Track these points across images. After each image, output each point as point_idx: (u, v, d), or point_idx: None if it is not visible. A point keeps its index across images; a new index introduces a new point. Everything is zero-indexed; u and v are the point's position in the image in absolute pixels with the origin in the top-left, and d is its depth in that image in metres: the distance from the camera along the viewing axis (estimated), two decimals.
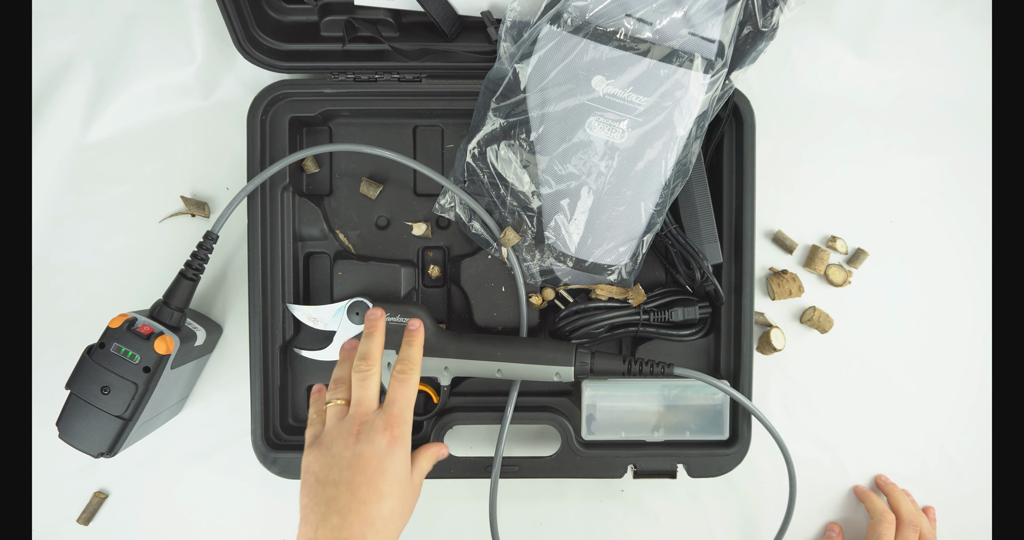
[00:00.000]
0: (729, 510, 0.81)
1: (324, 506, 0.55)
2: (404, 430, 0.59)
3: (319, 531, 0.54)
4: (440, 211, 0.73)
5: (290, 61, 0.74)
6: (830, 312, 0.80)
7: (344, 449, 0.57)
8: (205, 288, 0.79)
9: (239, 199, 0.70)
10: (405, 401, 0.61)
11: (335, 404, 0.62)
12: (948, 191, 0.80)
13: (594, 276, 0.72)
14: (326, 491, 0.56)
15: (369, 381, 0.61)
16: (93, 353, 0.66)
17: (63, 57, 0.77)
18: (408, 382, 0.62)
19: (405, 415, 0.60)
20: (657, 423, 0.74)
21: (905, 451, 0.81)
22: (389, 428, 0.59)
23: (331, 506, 0.55)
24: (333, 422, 0.60)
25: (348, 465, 0.56)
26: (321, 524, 0.55)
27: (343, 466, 0.56)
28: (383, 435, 0.58)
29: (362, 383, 0.61)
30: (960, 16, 0.79)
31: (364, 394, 0.61)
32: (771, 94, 0.79)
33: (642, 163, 0.68)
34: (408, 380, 0.62)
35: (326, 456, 0.58)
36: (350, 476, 0.56)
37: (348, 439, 0.58)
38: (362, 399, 0.60)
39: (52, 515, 0.79)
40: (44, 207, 0.78)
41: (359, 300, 0.71)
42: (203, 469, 0.80)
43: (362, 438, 0.58)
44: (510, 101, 0.68)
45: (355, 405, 0.61)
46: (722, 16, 0.65)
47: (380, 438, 0.58)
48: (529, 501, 0.81)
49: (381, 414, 0.60)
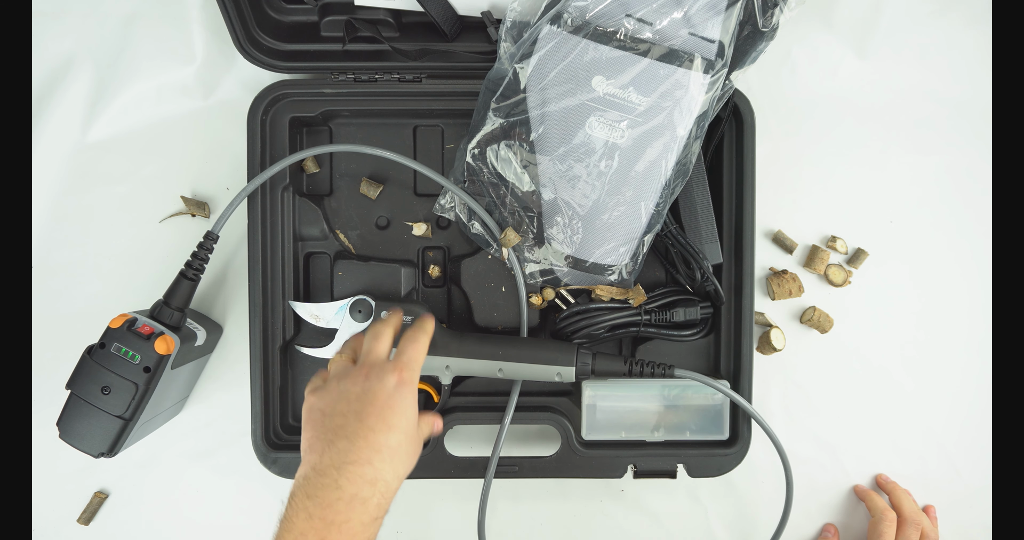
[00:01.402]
0: (729, 510, 0.81)
1: (331, 433, 0.54)
2: (412, 377, 0.58)
3: (324, 456, 0.53)
4: (440, 211, 0.73)
5: (290, 61, 0.74)
6: (830, 312, 0.80)
7: (352, 385, 0.56)
8: (205, 288, 0.79)
9: (239, 199, 0.70)
10: (415, 354, 0.60)
11: (339, 357, 0.61)
12: (948, 191, 0.80)
13: (594, 276, 0.72)
14: (333, 421, 0.55)
15: (381, 337, 0.61)
16: (93, 353, 0.66)
17: (63, 57, 0.77)
18: (418, 342, 0.61)
19: (414, 365, 0.60)
20: (657, 423, 0.74)
21: (905, 450, 0.81)
22: (398, 370, 0.58)
23: (338, 433, 0.54)
24: (339, 369, 0.60)
25: (357, 397, 0.55)
26: (327, 449, 0.54)
27: (351, 399, 0.55)
28: (392, 375, 0.57)
29: (374, 338, 0.61)
30: (959, 17, 0.80)
31: (374, 345, 0.60)
32: (771, 94, 0.79)
33: (642, 163, 0.68)
34: (419, 340, 0.62)
35: (333, 392, 0.57)
36: (359, 407, 0.55)
37: (357, 377, 0.57)
38: (372, 348, 0.60)
39: (52, 515, 0.79)
40: (44, 207, 0.78)
41: (361, 298, 0.71)
42: (203, 469, 0.80)
43: (372, 376, 0.57)
44: (510, 101, 0.68)
45: (365, 354, 0.60)
46: (722, 16, 0.65)
47: (390, 377, 0.57)
48: (529, 501, 0.81)
49: (390, 361, 0.59)
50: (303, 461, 0.56)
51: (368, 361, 0.59)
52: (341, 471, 0.52)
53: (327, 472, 0.53)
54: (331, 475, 0.52)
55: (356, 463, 0.53)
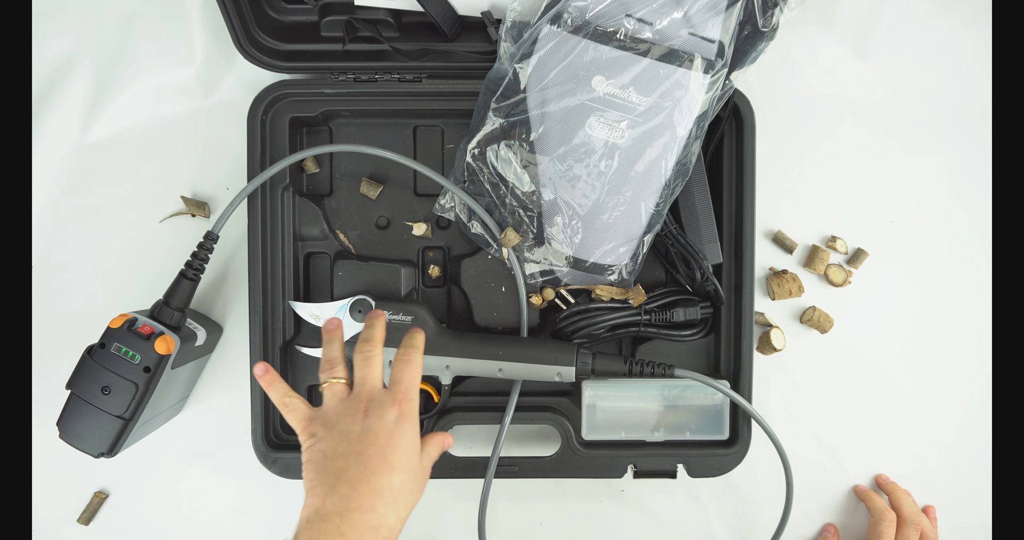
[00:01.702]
0: (729, 510, 0.81)
1: (333, 477, 0.54)
2: (412, 407, 0.58)
3: (327, 500, 0.53)
4: (440, 211, 0.73)
5: (290, 61, 0.74)
6: (830, 312, 0.80)
7: (353, 424, 0.56)
8: (205, 288, 0.79)
9: (239, 199, 0.70)
10: (411, 380, 0.60)
11: (333, 383, 0.60)
12: (948, 191, 0.80)
13: (594, 276, 0.72)
14: (335, 464, 0.55)
15: (373, 361, 0.60)
16: (93, 353, 0.66)
17: (63, 57, 0.77)
18: (412, 363, 0.61)
19: (411, 393, 0.59)
20: (657, 423, 0.74)
21: (905, 450, 0.81)
22: (397, 404, 0.57)
23: (340, 477, 0.54)
24: (335, 401, 0.59)
25: (358, 438, 0.55)
26: (330, 494, 0.53)
27: (352, 440, 0.55)
28: (391, 410, 0.57)
29: (366, 362, 0.60)
30: (959, 17, 0.79)
31: (368, 372, 0.60)
32: (771, 94, 0.79)
33: (642, 163, 0.68)
34: (412, 362, 0.61)
35: (333, 432, 0.56)
36: (360, 449, 0.55)
37: (356, 415, 0.57)
38: (367, 377, 0.59)
39: (52, 515, 0.79)
40: (44, 207, 0.78)
41: (361, 298, 0.71)
42: (203, 469, 0.80)
43: (371, 413, 0.57)
44: (510, 101, 0.68)
45: (360, 384, 0.59)
46: (722, 16, 0.65)
47: (389, 412, 0.57)
48: (529, 501, 0.81)
49: (388, 392, 0.59)
50: (306, 502, 0.55)
51: (365, 393, 0.58)
52: (344, 518, 0.52)
53: (330, 518, 0.52)
54: (334, 521, 0.52)
55: (359, 510, 0.53)
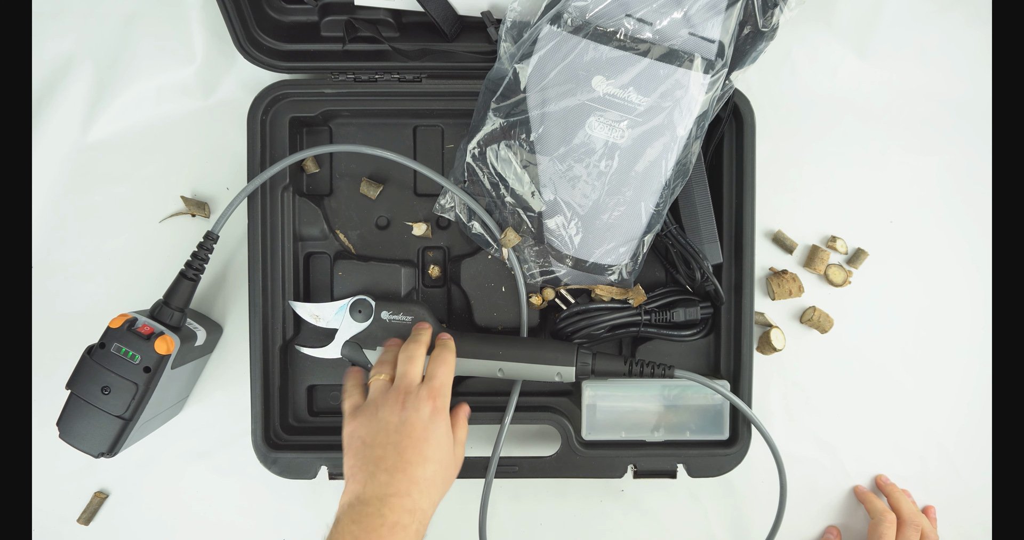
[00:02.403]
0: (729, 510, 0.81)
1: (372, 465, 0.59)
2: (445, 402, 0.63)
3: (367, 487, 0.58)
4: (440, 211, 0.73)
5: (290, 61, 0.74)
6: (830, 312, 0.80)
7: (391, 415, 0.61)
8: (205, 288, 0.79)
9: (239, 199, 0.70)
10: (445, 378, 0.64)
11: (378, 379, 0.65)
12: (948, 191, 0.80)
13: (594, 276, 0.72)
14: (374, 452, 0.59)
15: (416, 360, 0.65)
16: (93, 353, 0.66)
17: (63, 57, 0.77)
18: (447, 363, 0.65)
19: (445, 390, 0.64)
20: (657, 423, 0.74)
21: (905, 451, 0.81)
22: (432, 398, 0.62)
23: (379, 465, 0.59)
24: (377, 393, 0.63)
25: (395, 429, 0.60)
26: (369, 481, 0.58)
27: (390, 430, 0.60)
28: (427, 404, 0.62)
29: (408, 360, 0.65)
30: (960, 16, 0.79)
31: (409, 369, 0.64)
32: (771, 94, 0.79)
33: (642, 163, 0.68)
34: (447, 361, 0.66)
35: (372, 421, 0.61)
36: (397, 439, 0.59)
37: (394, 407, 0.61)
38: (407, 373, 0.64)
39: (52, 515, 0.79)
40: (44, 207, 0.78)
41: (361, 298, 0.71)
42: (203, 469, 0.80)
43: (408, 406, 0.61)
44: (510, 101, 0.68)
45: (400, 378, 0.64)
46: (722, 16, 0.65)
47: (424, 406, 0.61)
48: (529, 501, 0.81)
49: (424, 386, 0.63)
50: (346, 487, 0.60)
51: (404, 386, 0.63)
52: (384, 502, 0.57)
53: (371, 502, 0.57)
54: (375, 505, 0.57)
55: (397, 495, 0.57)
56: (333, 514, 0.79)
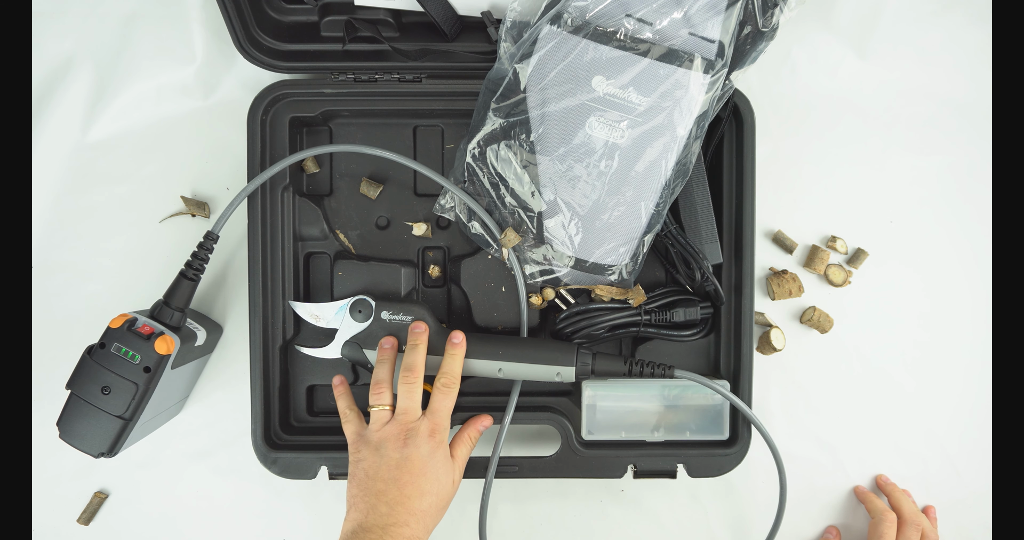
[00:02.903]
0: (729, 510, 0.81)
1: (374, 497, 0.64)
2: (444, 437, 0.67)
3: (369, 516, 0.63)
4: (440, 211, 0.73)
5: (290, 61, 0.74)
6: (830, 312, 0.80)
7: (393, 451, 0.65)
8: (205, 288, 0.79)
9: (239, 199, 0.70)
10: (446, 411, 0.68)
11: (380, 409, 0.68)
12: (948, 191, 0.80)
13: (594, 276, 0.72)
14: (376, 485, 0.64)
15: (414, 392, 0.68)
16: (93, 353, 0.66)
17: (63, 57, 0.77)
18: (450, 395, 0.68)
19: (445, 423, 0.68)
20: (657, 423, 0.74)
21: (905, 451, 0.81)
22: (432, 435, 0.66)
23: (380, 498, 0.64)
24: (378, 425, 0.67)
25: (396, 465, 0.64)
26: (371, 511, 0.63)
27: (391, 466, 0.64)
28: (427, 441, 0.65)
29: (408, 394, 0.67)
30: (960, 16, 0.79)
31: (410, 404, 0.67)
32: (771, 94, 0.79)
33: (642, 163, 0.68)
34: (450, 393, 0.68)
35: (375, 456, 0.65)
36: (397, 475, 0.64)
37: (396, 443, 0.65)
38: (408, 408, 0.67)
39: (52, 515, 0.79)
40: (44, 207, 0.78)
41: (361, 298, 0.71)
42: (203, 469, 0.80)
43: (409, 443, 0.65)
44: (510, 101, 0.68)
45: (401, 413, 0.67)
46: (722, 16, 0.65)
47: (424, 444, 0.65)
48: (529, 501, 0.81)
49: (425, 421, 0.67)
50: (348, 515, 0.65)
51: (404, 422, 0.67)
52: (385, 530, 0.62)
53: (373, 529, 0.62)
54: (376, 532, 0.62)
55: (396, 525, 0.62)
56: (332, 514, 0.80)
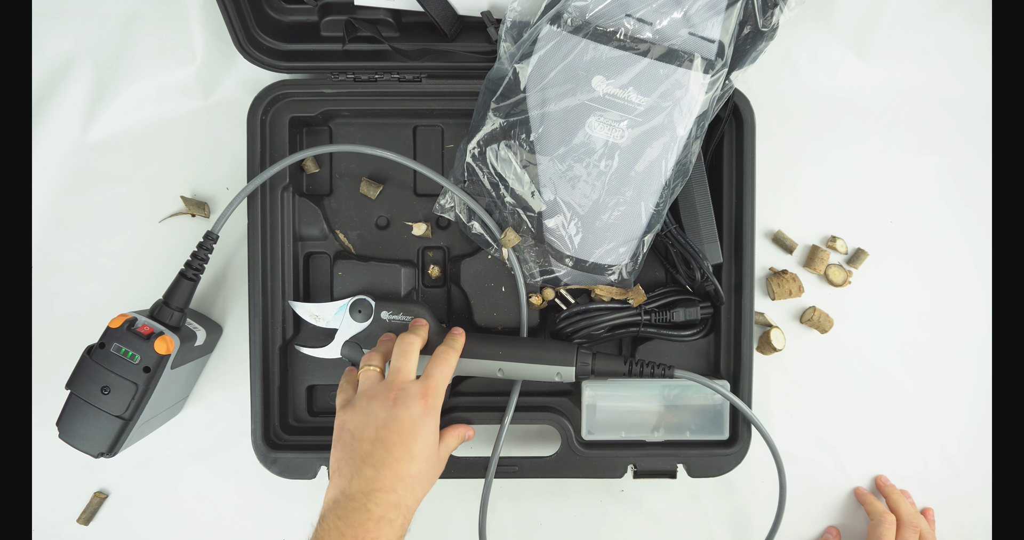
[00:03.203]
0: (729, 510, 0.81)
1: (359, 460, 0.59)
2: (436, 403, 0.62)
3: (353, 481, 0.58)
4: (440, 211, 0.73)
5: (290, 61, 0.74)
6: (830, 312, 0.80)
7: (380, 409, 0.60)
8: (205, 288, 0.79)
9: (239, 199, 0.70)
10: (441, 378, 0.63)
11: (368, 369, 0.64)
12: (948, 191, 0.80)
13: (594, 276, 0.72)
14: (361, 447, 0.59)
15: (410, 354, 0.64)
16: (93, 353, 0.66)
17: (63, 57, 0.77)
18: (447, 363, 0.64)
19: (439, 390, 0.63)
20: (657, 423, 0.74)
21: (905, 452, 0.81)
22: (424, 397, 0.61)
23: (366, 460, 0.58)
24: (368, 385, 0.63)
25: (384, 424, 0.59)
26: (355, 476, 0.58)
27: (379, 425, 0.59)
28: (418, 402, 0.61)
29: (402, 355, 0.64)
30: (960, 17, 0.79)
31: (404, 363, 0.63)
32: (771, 94, 0.79)
33: (642, 163, 0.68)
34: (448, 361, 0.64)
35: (361, 414, 0.60)
36: (385, 435, 0.59)
37: (385, 401, 0.60)
38: (401, 368, 0.63)
39: (52, 515, 0.79)
40: (44, 207, 0.78)
41: (361, 298, 0.71)
42: (203, 469, 0.80)
43: (399, 402, 0.60)
44: (510, 101, 0.68)
45: (394, 372, 0.63)
46: (722, 16, 0.65)
47: (415, 404, 0.60)
48: (529, 501, 0.81)
49: (418, 383, 0.62)
50: (331, 482, 0.60)
51: (396, 382, 0.62)
52: (369, 497, 0.57)
53: (356, 497, 0.57)
54: (360, 500, 0.57)
55: (382, 490, 0.57)
56: None
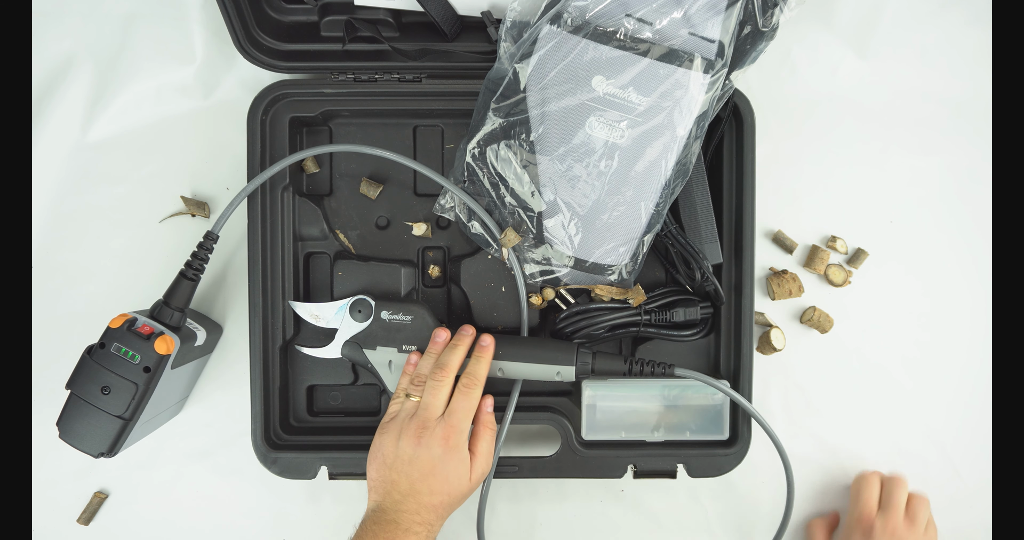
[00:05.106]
0: (729, 510, 0.81)
1: (389, 485, 0.66)
2: (459, 439, 0.67)
3: (384, 500, 0.66)
4: (440, 211, 0.73)
5: (290, 61, 0.74)
6: (830, 312, 0.80)
7: (407, 446, 0.66)
8: (205, 288, 0.79)
9: (239, 199, 0.70)
10: (464, 413, 0.68)
11: (413, 401, 0.69)
12: (948, 191, 0.80)
13: (594, 276, 0.72)
14: (391, 475, 0.66)
15: (440, 390, 0.68)
16: (93, 353, 0.66)
17: (63, 57, 0.77)
18: (471, 396, 0.68)
19: (462, 425, 0.67)
20: (657, 423, 0.74)
21: (905, 451, 0.81)
22: (446, 438, 0.66)
23: (394, 487, 0.66)
24: (404, 416, 0.68)
25: (408, 461, 0.66)
26: (386, 497, 0.66)
27: (404, 461, 0.66)
28: (440, 445, 0.66)
29: (433, 391, 0.68)
30: (960, 16, 0.79)
31: (432, 401, 0.68)
32: (771, 94, 0.79)
33: (642, 163, 0.68)
34: (471, 394, 0.68)
35: (392, 445, 0.67)
36: (409, 471, 0.66)
37: (412, 439, 0.66)
38: (429, 405, 0.68)
39: (52, 515, 0.79)
40: (44, 207, 0.78)
41: (361, 298, 0.71)
42: (203, 469, 0.80)
43: (422, 442, 0.66)
44: (510, 101, 0.68)
45: (422, 409, 0.68)
46: (722, 16, 0.65)
47: (437, 446, 0.66)
48: (529, 501, 0.81)
49: (442, 423, 0.67)
50: (370, 494, 0.68)
51: (423, 418, 0.67)
52: (398, 514, 0.65)
53: (387, 511, 0.65)
54: (391, 514, 0.65)
55: (408, 512, 0.65)
56: (332, 514, 0.80)
